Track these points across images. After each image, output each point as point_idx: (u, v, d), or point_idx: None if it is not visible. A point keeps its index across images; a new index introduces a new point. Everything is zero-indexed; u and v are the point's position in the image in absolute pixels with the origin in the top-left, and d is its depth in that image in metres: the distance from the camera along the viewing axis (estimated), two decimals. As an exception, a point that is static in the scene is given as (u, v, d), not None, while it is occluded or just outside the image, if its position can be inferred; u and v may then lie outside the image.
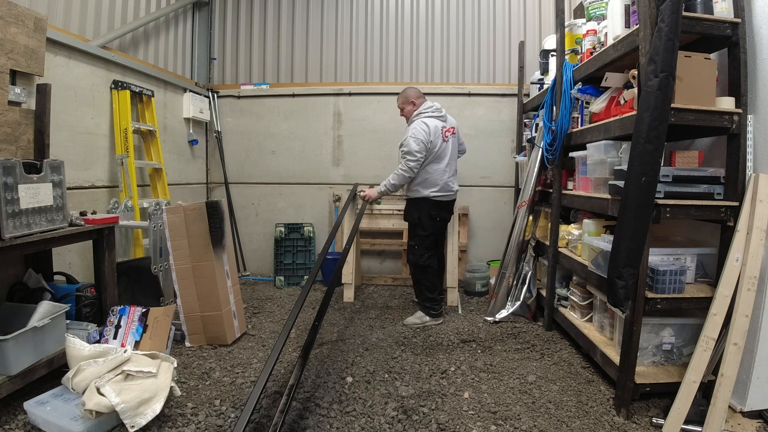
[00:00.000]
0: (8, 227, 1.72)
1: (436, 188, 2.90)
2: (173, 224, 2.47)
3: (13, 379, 1.74)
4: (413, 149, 2.80)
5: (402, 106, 3.06)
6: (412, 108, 3.00)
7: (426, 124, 2.85)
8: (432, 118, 2.91)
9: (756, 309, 1.76)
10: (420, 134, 2.82)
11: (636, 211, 1.70)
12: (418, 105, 2.98)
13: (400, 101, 3.06)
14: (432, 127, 2.85)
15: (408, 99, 3.02)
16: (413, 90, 3.05)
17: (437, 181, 2.90)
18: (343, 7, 4.22)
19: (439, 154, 2.89)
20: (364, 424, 1.80)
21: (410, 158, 2.81)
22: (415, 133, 2.83)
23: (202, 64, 4.23)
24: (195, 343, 2.55)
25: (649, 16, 1.74)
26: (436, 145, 2.87)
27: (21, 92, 2.17)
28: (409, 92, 3.04)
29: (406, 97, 3.03)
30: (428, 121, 2.88)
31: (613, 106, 2.17)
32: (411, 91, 3.04)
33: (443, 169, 2.91)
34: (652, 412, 1.88)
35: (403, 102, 3.05)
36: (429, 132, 2.83)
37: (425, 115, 2.93)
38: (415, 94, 3.03)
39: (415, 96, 3.02)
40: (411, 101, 3.00)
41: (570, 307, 2.70)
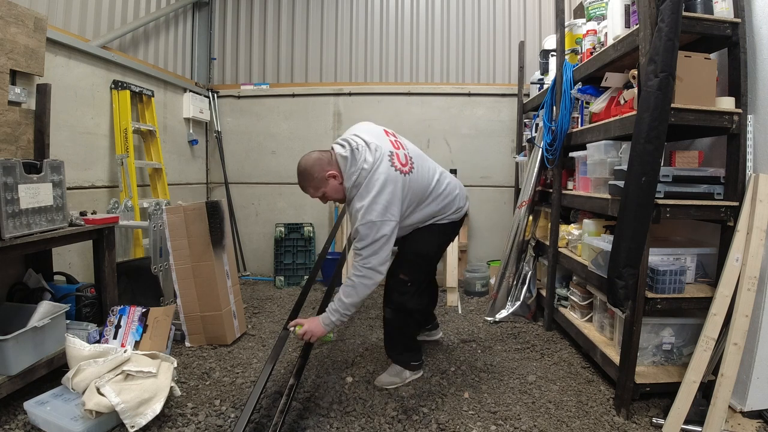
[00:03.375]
0: (8, 227, 1.72)
1: (445, 214, 2.04)
2: (173, 224, 2.47)
3: (13, 379, 1.74)
4: (373, 237, 1.77)
5: (320, 194, 1.91)
6: (338, 183, 1.87)
7: (384, 184, 1.78)
8: (379, 163, 1.81)
9: (756, 309, 1.76)
10: (380, 203, 1.76)
11: (636, 211, 1.70)
12: (338, 167, 1.86)
13: (310, 188, 1.90)
14: (393, 179, 1.79)
15: (321, 175, 1.85)
16: (314, 162, 1.87)
17: (442, 210, 2.02)
18: (343, 7, 4.22)
19: (421, 193, 1.93)
20: (364, 424, 1.80)
21: (368, 260, 1.78)
22: (373, 206, 1.76)
23: (202, 64, 4.23)
24: (195, 343, 2.55)
25: (649, 16, 1.74)
26: (409, 192, 1.87)
27: (21, 92, 2.17)
28: (312, 168, 1.85)
29: (315, 177, 1.86)
30: (381, 172, 1.79)
31: (613, 106, 2.17)
32: (314, 167, 1.86)
33: (434, 187, 1.97)
34: (652, 412, 1.88)
35: (315, 189, 1.89)
36: (396, 192, 1.80)
37: (368, 167, 1.80)
38: (324, 161, 1.86)
39: (325, 163, 1.85)
40: (327, 174, 1.85)
41: (570, 307, 2.70)
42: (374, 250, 1.77)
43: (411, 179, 1.87)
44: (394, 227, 1.80)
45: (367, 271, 1.79)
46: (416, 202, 1.92)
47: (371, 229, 1.76)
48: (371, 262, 1.78)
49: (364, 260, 1.78)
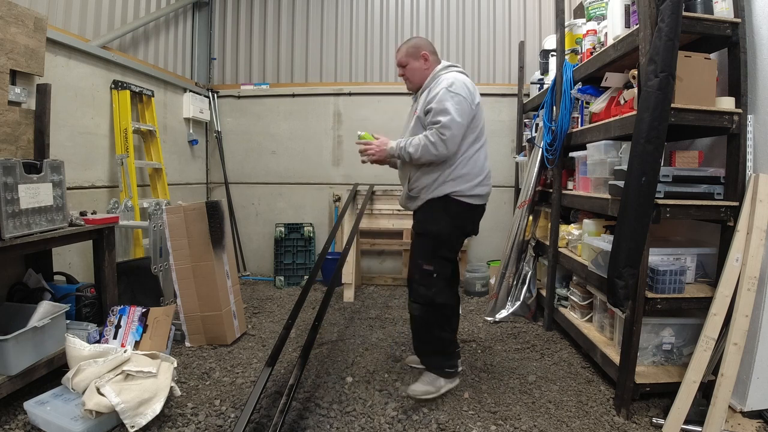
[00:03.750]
0: (8, 227, 1.72)
1: (476, 181, 1.93)
2: (173, 224, 2.47)
3: (13, 379, 1.74)
4: (453, 114, 1.79)
5: (404, 61, 1.99)
6: (424, 67, 1.98)
7: (465, 82, 1.90)
8: (464, 75, 1.96)
9: (756, 309, 1.76)
10: (462, 90, 1.84)
11: (636, 211, 1.70)
12: (432, 65, 1.99)
13: (402, 54, 2.00)
14: (473, 88, 1.92)
15: (418, 51, 1.97)
16: (425, 41, 2.04)
17: (480, 170, 1.95)
18: (343, 8, 4.22)
19: (481, 129, 1.97)
20: (364, 424, 1.80)
21: (445, 130, 1.79)
22: (455, 88, 1.83)
23: (202, 64, 4.23)
24: (195, 343, 2.55)
25: (649, 16, 1.74)
26: (476, 115, 1.92)
27: (21, 92, 2.17)
28: (419, 42, 2.01)
29: (416, 48, 1.97)
30: (464, 78, 1.93)
31: (613, 106, 2.17)
32: (422, 41, 2.02)
33: (484, 152, 2.00)
34: (652, 412, 1.88)
35: (407, 55, 1.99)
36: (472, 93, 1.89)
37: (455, 69, 1.97)
38: (429, 48, 2.00)
39: (428, 49, 1.99)
40: (422, 54, 1.97)
41: (570, 307, 2.70)
42: (447, 126, 1.80)
43: (479, 116, 1.98)
44: (466, 116, 1.85)
45: (439, 140, 1.81)
46: (472, 138, 1.94)
47: (454, 98, 1.84)
48: (444, 134, 1.80)
49: (441, 127, 1.80)
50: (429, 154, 1.83)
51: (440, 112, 1.81)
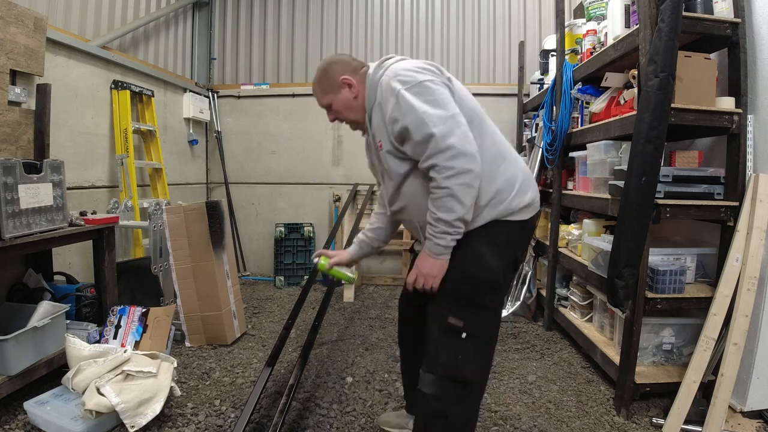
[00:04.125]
0: (8, 227, 1.72)
1: (516, 187, 1.33)
2: (173, 224, 2.47)
3: (13, 379, 1.74)
4: (438, 116, 1.21)
5: (326, 101, 1.46)
6: (352, 95, 1.40)
7: (416, 64, 1.31)
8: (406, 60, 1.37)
9: (756, 309, 1.76)
10: (420, 74, 1.27)
11: (636, 211, 1.70)
12: (361, 83, 1.39)
13: (319, 94, 1.48)
14: (429, 64, 1.33)
15: (334, 80, 1.41)
16: (334, 59, 1.46)
17: (516, 171, 1.35)
18: (343, 7, 4.22)
19: (473, 111, 1.35)
20: (364, 424, 1.80)
21: (449, 152, 1.19)
22: (410, 78, 1.26)
23: (202, 64, 4.24)
24: (195, 343, 2.55)
25: (649, 16, 1.74)
26: (456, 94, 1.31)
27: (21, 92, 2.17)
28: (329, 66, 1.44)
29: (330, 78, 1.43)
30: (411, 61, 1.34)
31: (613, 106, 2.17)
32: (332, 64, 1.44)
33: (493, 140, 1.38)
34: (652, 412, 1.88)
35: (324, 92, 1.46)
36: (433, 68, 1.31)
37: (392, 60, 1.36)
38: (346, 64, 1.42)
39: (346, 67, 1.41)
40: (342, 81, 1.40)
41: (570, 307, 2.70)
42: (443, 128, 1.20)
43: (467, 95, 1.40)
44: (452, 107, 1.25)
45: (455, 162, 1.18)
46: (480, 130, 1.33)
47: (420, 94, 1.23)
48: (449, 141, 1.18)
49: (442, 153, 1.19)
50: (465, 199, 1.20)
51: (420, 130, 1.21)
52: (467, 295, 1.30)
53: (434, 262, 1.29)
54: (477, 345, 1.32)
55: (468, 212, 1.24)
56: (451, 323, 1.29)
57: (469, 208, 1.23)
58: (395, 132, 1.28)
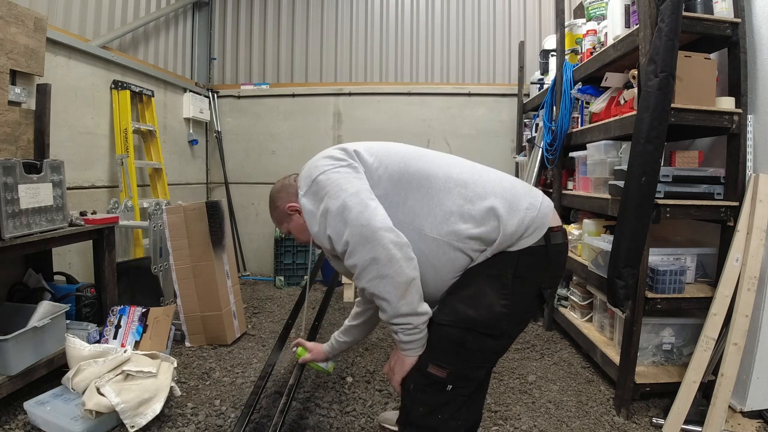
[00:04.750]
0: (8, 227, 1.72)
1: (509, 213, 1.09)
2: (173, 224, 2.47)
3: (13, 379, 1.74)
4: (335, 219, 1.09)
5: (285, 229, 1.35)
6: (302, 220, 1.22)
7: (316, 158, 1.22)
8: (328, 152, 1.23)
9: (756, 309, 1.76)
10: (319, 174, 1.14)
11: (636, 211, 1.70)
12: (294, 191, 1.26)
13: (277, 223, 1.36)
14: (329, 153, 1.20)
15: (282, 208, 1.30)
16: (277, 188, 1.35)
17: (493, 202, 1.10)
18: (343, 7, 4.22)
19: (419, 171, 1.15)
20: (364, 424, 1.80)
21: (349, 248, 1.07)
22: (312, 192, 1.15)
23: (202, 64, 4.23)
24: (195, 343, 2.55)
25: (649, 16, 1.74)
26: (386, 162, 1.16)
27: (21, 92, 2.17)
28: (275, 196, 1.34)
29: (278, 208, 1.32)
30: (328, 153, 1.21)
31: (613, 106, 2.18)
32: (276, 193, 1.34)
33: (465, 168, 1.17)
34: (652, 412, 1.88)
35: (279, 222, 1.35)
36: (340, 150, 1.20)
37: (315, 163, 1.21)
38: (287, 189, 1.30)
39: (287, 193, 1.29)
40: (288, 209, 1.28)
41: (570, 307, 2.70)
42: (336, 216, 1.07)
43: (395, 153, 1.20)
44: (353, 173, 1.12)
45: (354, 259, 1.05)
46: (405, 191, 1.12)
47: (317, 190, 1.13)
48: (344, 238, 1.06)
49: (342, 253, 1.08)
50: (386, 294, 1.03)
51: (322, 239, 1.13)
52: (457, 340, 1.08)
53: (399, 356, 1.13)
54: (462, 400, 1.12)
55: (404, 303, 1.03)
56: (431, 372, 1.08)
57: (401, 299, 1.02)
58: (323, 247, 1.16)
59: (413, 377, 1.11)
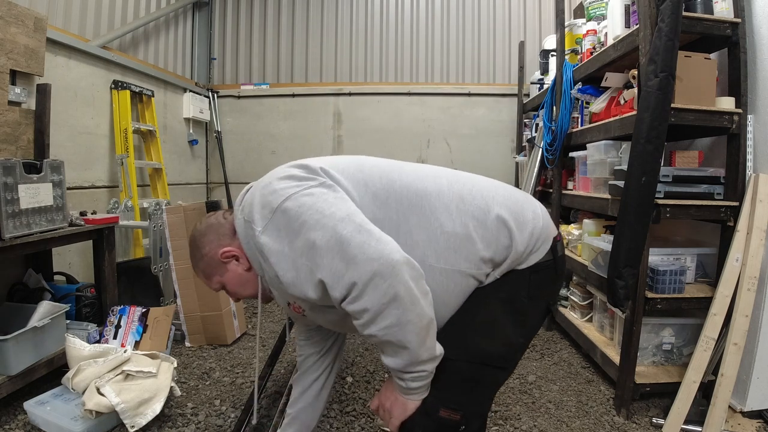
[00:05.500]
0: (8, 227, 1.72)
1: (518, 227, 0.97)
2: (173, 224, 2.47)
3: (13, 379, 1.74)
4: (325, 257, 0.84)
5: (216, 283, 1.13)
6: (241, 268, 1.05)
7: (284, 176, 0.95)
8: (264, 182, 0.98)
9: (756, 309, 1.76)
10: (284, 201, 0.89)
11: (636, 211, 1.70)
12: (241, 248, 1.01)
13: (203, 276, 1.15)
14: (300, 167, 0.96)
15: (214, 258, 1.06)
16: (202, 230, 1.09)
17: (500, 211, 0.97)
18: (343, 8, 4.22)
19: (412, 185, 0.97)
20: (364, 424, 1.80)
21: (355, 291, 0.83)
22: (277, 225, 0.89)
23: (202, 64, 4.24)
24: (195, 343, 2.55)
25: (649, 16, 1.74)
26: (366, 180, 0.96)
27: (21, 92, 2.17)
28: (198, 241, 1.09)
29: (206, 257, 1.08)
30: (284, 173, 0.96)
31: (613, 106, 2.17)
32: (200, 236, 1.09)
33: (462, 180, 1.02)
34: (652, 412, 1.88)
35: (207, 275, 1.13)
36: (302, 168, 0.96)
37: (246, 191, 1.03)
38: (215, 229, 1.07)
39: (219, 233, 1.06)
40: (222, 255, 1.04)
41: (570, 307, 2.70)
42: (325, 253, 0.85)
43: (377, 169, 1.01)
44: (332, 193, 0.90)
45: (361, 304, 0.84)
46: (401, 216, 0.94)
47: (288, 221, 0.88)
48: (346, 278, 0.84)
49: (344, 298, 0.86)
50: (406, 340, 0.86)
51: (303, 288, 0.89)
52: (472, 377, 0.96)
53: (398, 398, 0.96)
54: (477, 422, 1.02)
55: (424, 350, 0.87)
56: (443, 416, 0.94)
57: (422, 345, 0.87)
58: (291, 284, 0.90)
59: (420, 422, 0.96)
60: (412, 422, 0.96)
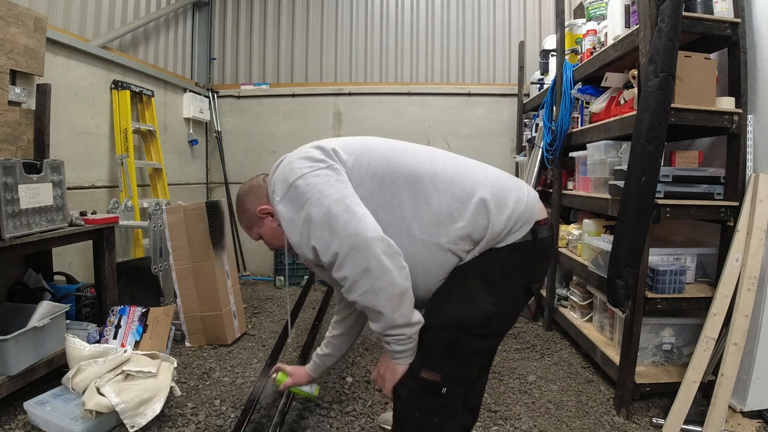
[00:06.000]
0: (8, 227, 1.72)
1: (498, 207, 1.07)
2: (173, 224, 2.47)
3: (13, 379, 1.74)
4: (320, 229, 1.03)
5: (255, 234, 1.31)
6: (275, 223, 1.23)
7: (291, 160, 1.15)
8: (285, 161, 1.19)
9: (756, 309, 1.76)
10: (297, 178, 1.08)
11: (636, 211, 1.70)
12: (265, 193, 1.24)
13: (246, 228, 1.31)
14: (312, 149, 1.15)
15: (253, 212, 1.26)
16: (245, 190, 1.32)
17: (483, 193, 1.07)
18: (343, 7, 4.22)
19: (407, 166, 1.10)
20: (363, 424, 1.80)
21: (338, 259, 1.01)
22: (290, 198, 1.08)
23: (202, 64, 4.23)
24: (195, 343, 2.55)
25: (649, 16, 1.74)
26: (366, 161, 1.11)
27: (21, 92, 2.17)
28: (244, 198, 1.30)
29: (248, 211, 1.28)
30: (305, 153, 1.14)
31: (613, 106, 2.18)
32: (244, 195, 1.31)
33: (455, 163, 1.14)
34: (652, 412, 1.88)
35: (249, 227, 1.30)
36: (318, 149, 1.14)
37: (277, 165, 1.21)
38: (256, 191, 1.28)
39: (258, 195, 1.27)
40: (260, 212, 1.24)
41: (570, 307, 2.70)
42: (321, 225, 1.01)
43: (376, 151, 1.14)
44: (335, 176, 1.06)
45: (344, 271, 1.00)
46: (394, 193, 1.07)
47: (296, 196, 1.06)
48: (331, 248, 1.00)
49: (330, 264, 1.03)
50: (381, 306, 1.00)
51: (303, 248, 1.08)
52: (449, 342, 1.07)
53: (389, 364, 1.11)
54: (458, 400, 1.12)
55: (399, 315, 1.00)
56: (425, 377, 1.06)
57: (395, 311, 1.00)
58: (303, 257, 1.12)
59: (406, 384, 1.09)
60: (401, 384, 1.11)
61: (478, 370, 1.22)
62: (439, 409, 1.10)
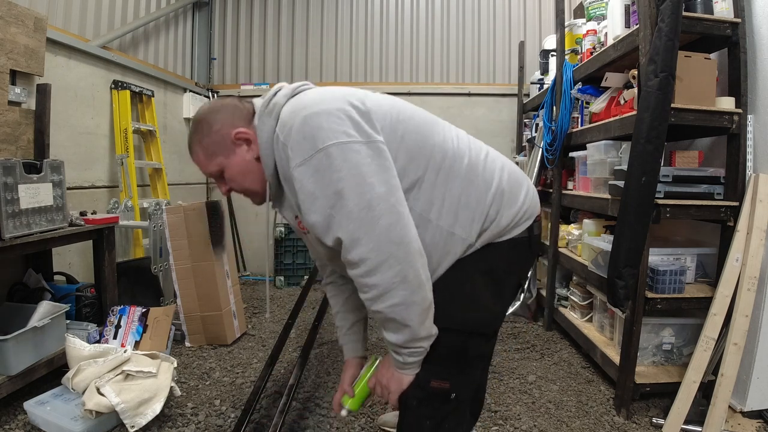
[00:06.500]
0: (8, 227, 1.72)
1: (508, 201, 1.03)
2: (173, 224, 2.47)
3: (13, 379, 1.74)
4: (352, 222, 0.86)
5: (215, 168, 1.03)
6: (247, 156, 1.01)
7: (325, 109, 0.89)
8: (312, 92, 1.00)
9: (756, 309, 1.76)
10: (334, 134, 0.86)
11: (636, 211, 1.70)
12: (248, 115, 1.03)
13: (202, 158, 1.03)
14: (350, 98, 0.94)
15: (220, 138, 1.00)
16: (216, 106, 1.05)
17: (500, 184, 1.03)
18: (343, 7, 4.22)
19: (437, 144, 1.00)
20: (364, 424, 1.80)
21: (365, 266, 0.87)
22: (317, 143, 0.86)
23: (202, 64, 4.24)
24: (195, 343, 2.55)
25: (649, 16, 1.74)
26: (401, 132, 0.96)
27: (21, 92, 2.17)
28: (210, 117, 1.02)
29: (215, 135, 1.00)
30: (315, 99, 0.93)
31: (613, 106, 2.18)
32: (212, 113, 1.03)
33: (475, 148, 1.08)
34: (652, 412, 1.88)
35: (207, 156, 1.02)
36: (351, 105, 0.91)
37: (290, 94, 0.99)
38: (231, 108, 1.04)
39: (233, 114, 1.02)
40: (234, 136, 1.00)
41: (570, 307, 2.70)
42: (352, 218, 0.86)
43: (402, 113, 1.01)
44: (376, 157, 0.88)
45: (373, 279, 0.88)
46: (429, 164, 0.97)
47: (326, 167, 0.86)
48: (359, 250, 0.87)
49: (352, 264, 0.89)
50: (409, 319, 0.91)
51: (325, 231, 0.90)
52: (457, 346, 1.01)
53: (394, 374, 1.02)
54: (467, 402, 1.11)
55: (423, 329, 0.93)
56: (433, 387, 1.01)
57: (421, 325, 0.92)
58: (306, 220, 0.92)
59: (415, 393, 1.02)
60: (408, 395, 1.03)
61: (481, 371, 1.21)
62: (449, 415, 1.06)
